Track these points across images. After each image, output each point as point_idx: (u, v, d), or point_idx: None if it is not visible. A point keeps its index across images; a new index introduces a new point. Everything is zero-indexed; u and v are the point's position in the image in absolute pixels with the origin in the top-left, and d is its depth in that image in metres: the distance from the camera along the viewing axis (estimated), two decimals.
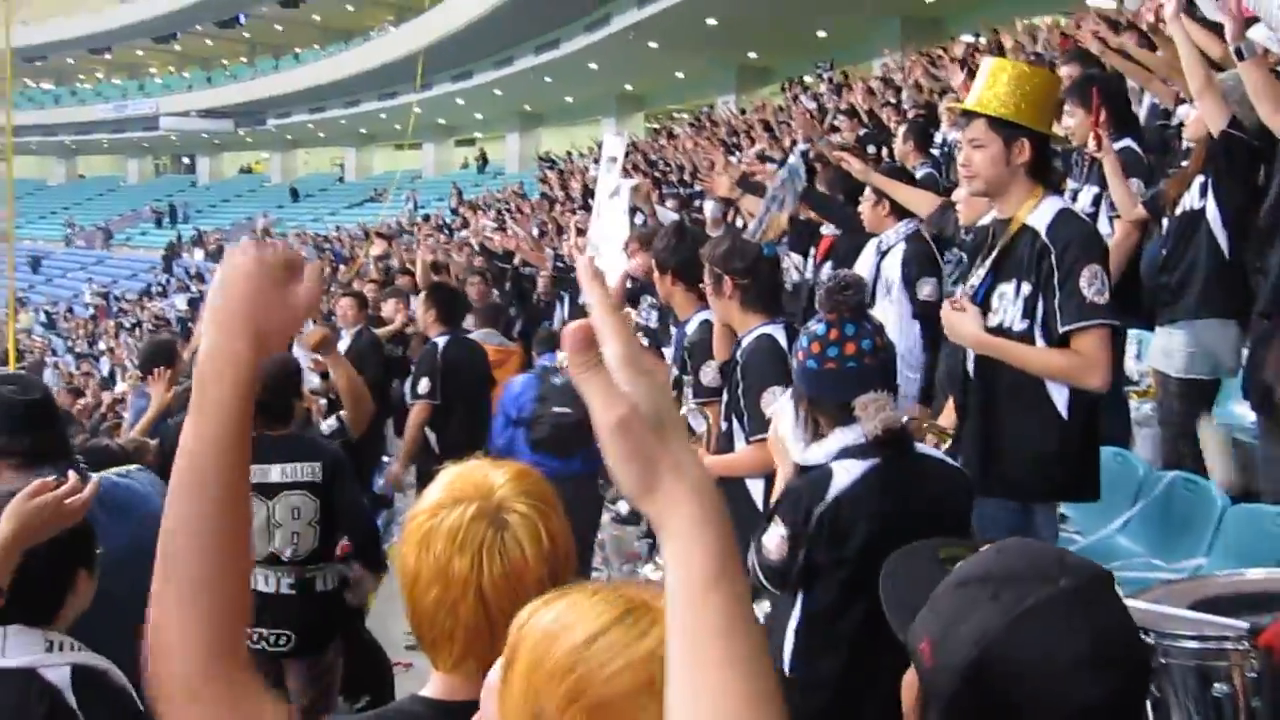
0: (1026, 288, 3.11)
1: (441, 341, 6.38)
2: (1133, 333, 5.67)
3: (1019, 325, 3.12)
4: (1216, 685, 2.69)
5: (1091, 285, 3.02)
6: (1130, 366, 5.56)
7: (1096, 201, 5.10)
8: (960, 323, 3.16)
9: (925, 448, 2.80)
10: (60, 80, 53.76)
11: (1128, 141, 5.05)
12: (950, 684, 1.19)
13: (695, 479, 0.85)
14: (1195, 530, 4.11)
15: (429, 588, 1.38)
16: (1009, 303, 3.15)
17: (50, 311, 35.62)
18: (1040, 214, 3.14)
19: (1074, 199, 5.29)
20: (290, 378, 4.18)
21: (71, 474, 2.17)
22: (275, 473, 3.91)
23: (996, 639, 1.17)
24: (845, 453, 2.57)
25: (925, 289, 4.75)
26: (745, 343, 3.64)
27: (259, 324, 1.22)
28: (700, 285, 3.85)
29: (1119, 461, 4.75)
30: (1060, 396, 3.12)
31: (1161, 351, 4.58)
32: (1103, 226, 5.05)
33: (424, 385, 6.21)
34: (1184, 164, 4.78)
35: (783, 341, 3.53)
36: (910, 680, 1.32)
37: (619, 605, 1.04)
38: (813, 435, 2.65)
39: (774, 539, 2.53)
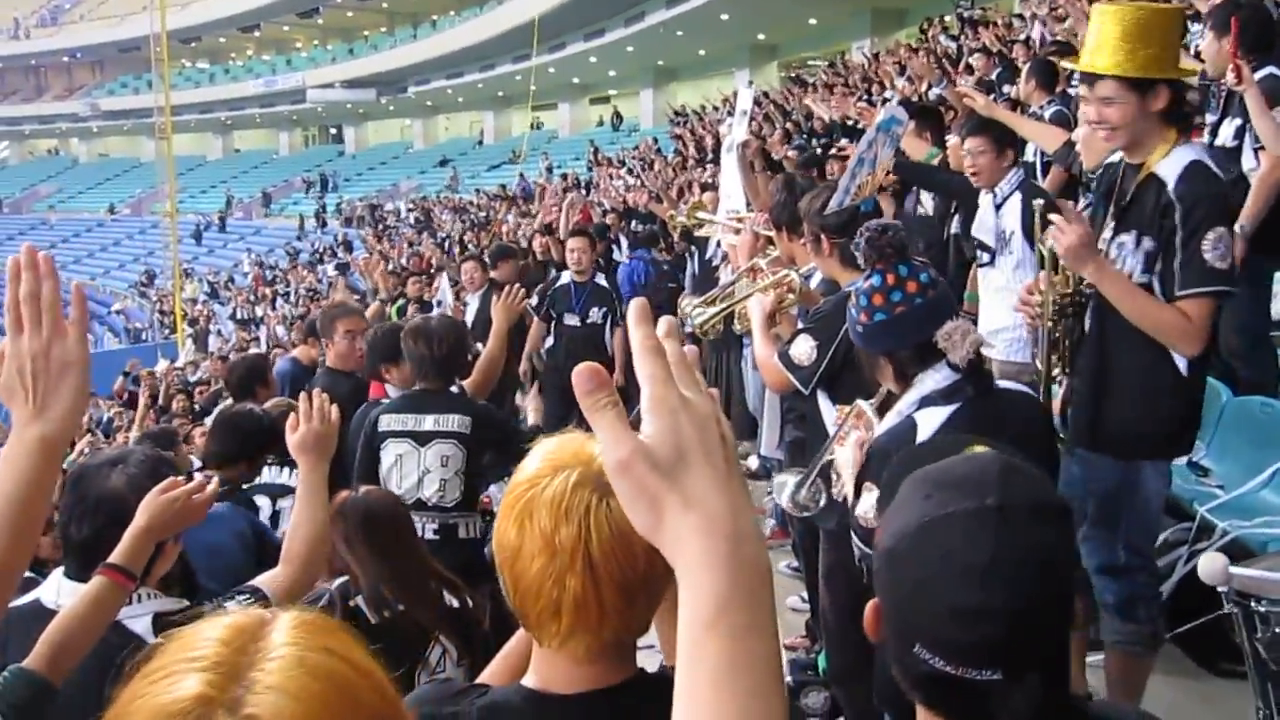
0: (1149, 243, 3.03)
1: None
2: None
3: (1139, 278, 3.05)
4: None
5: (1215, 249, 2.92)
6: (1277, 309, 5.27)
7: (1239, 134, 4.79)
8: (1076, 246, 3.00)
9: (1001, 381, 2.75)
10: (214, 59, 56.07)
11: (1270, 69, 4.71)
12: (876, 564, 1.32)
13: (704, 515, 0.84)
14: None
15: (533, 559, 1.33)
16: (1128, 253, 3.08)
17: (213, 281, 37.39)
18: (1170, 163, 3.03)
19: (1214, 133, 5.00)
20: (464, 339, 4.46)
21: (197, 474, 2.33)
22: (429, 422, 4.17)
23: (907, 535, 1.27)
24: (926, 401, 2.55)
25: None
26: (827, 298, 3.64)
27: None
28: None
29: (1266, 412, 4.51)
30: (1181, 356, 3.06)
31: None
32: (1247, 160, 4.76)
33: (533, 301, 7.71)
34: None
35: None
36: None
37: None
38: (904, 388, 2.62)
39: (869, 505, 2.49)
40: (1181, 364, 3.05)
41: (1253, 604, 2.78)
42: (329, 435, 2.65)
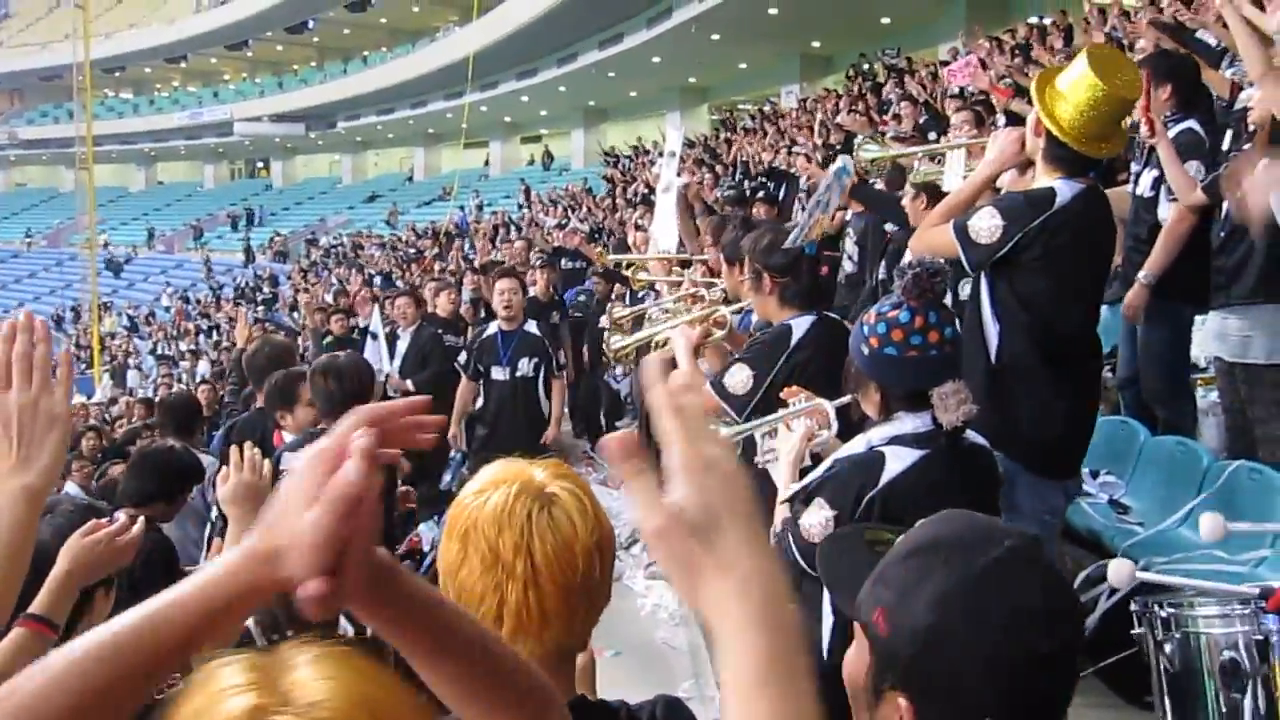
0: None
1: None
2: (1200, 319, 5.55)
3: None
4: (1226, 651, 2.68)
5: (979, 215, 3.35)
6: (1195, 353, 5.45)
7: (1156, 185, 4.98)
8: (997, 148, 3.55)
9: (970, 434, 2.78)
10: (138, 90, 55.15)
11: (1190, 123, 4.91)
12: (909, 648, 1.21)
13: (743, 578, 0.86)
14: (1261, 521, 4.00)
15: (475, 568, 1.38)
16: None
17: (132, 315, 36.59)
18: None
19: (1135, 181, 5.19)
20: (371, 377, 4.41)
21: (121, 514, 2.25)
22: None
23: (954, 600, 1.20)
24: (900, 440, 2.56)
25: (967, 289, 4.70)
26: (765, 329, 3.70)
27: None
28: None
29: (1181, 450, 4.66)
30: (993, 341, 3.38)
31: (1215, 336, 4.47)
32: (1162, 211, 4.94)
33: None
34: (1245, 146, 4.66)
35: (797, 334, 3.55)
36: (853, 656, 1.33)
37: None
38: (883, 419, 2.64)
39: (817, 521, 2.52)
40: (992, 350, 3.38)
41: (1156, 609, 2.88)
42: (260, 488, 2.55)
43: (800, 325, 3.56)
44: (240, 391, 5.59)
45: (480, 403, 7.15)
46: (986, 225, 3.30)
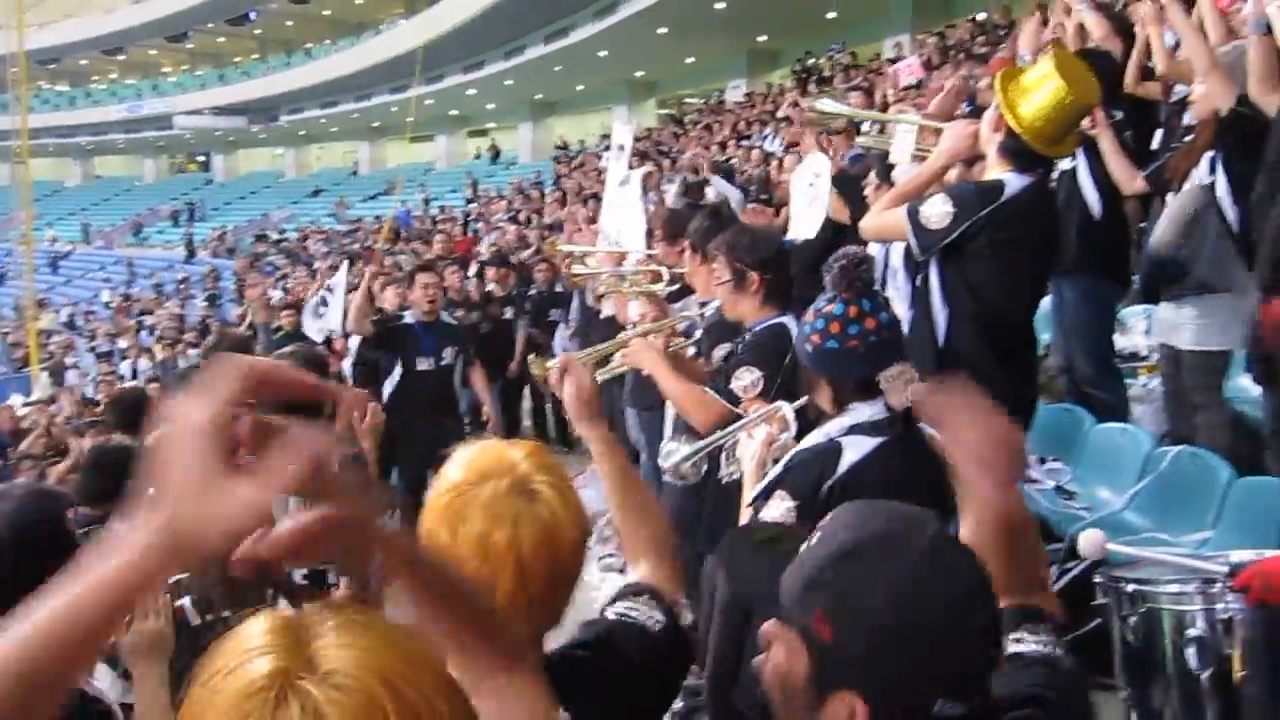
0: None
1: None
2: (1141, 309, 5.69)
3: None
4: (1189, 630, 2.75)
5: (932, 202, 3.45)
6: (1139, 342, 5.58)
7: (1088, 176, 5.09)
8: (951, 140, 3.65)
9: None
10: (74, 82, 54.00)
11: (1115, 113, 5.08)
12: (862, 648, 1.24)
13: None
14: (1202, 504, 4.11)
15: (466, 563, 1.41)
16: None
17: (71, 312, 35.84)
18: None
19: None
20: (321, 366, 4.31)
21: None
22: None
23: (905, 595, 1.24)
24: (856, 429, 2.60)
25: (897, 278, 4.76)
26: (758, 329, 3.65)
27: (178, 519, 0.86)
28: None
29: (1125, 436, 4.77)
30: (940, 327, 3.47)
31: (1168, 325, 4.58)
32: (1090, 200, 5.06)
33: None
34: (1187, 139, 4.77)
35: (793, 333, 3.52)
36: (779, 661, 1.31)
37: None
38: (838, 411, 2.66)
39: (779, 512, 2.54)
40: (940, 332, 3.48)
41: (1122, 585, 2.95)
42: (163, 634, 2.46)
43: (794, 324, 3.56)
44: None
45: (393, 391, 7.08)
46: (938, 212, 3.40)
